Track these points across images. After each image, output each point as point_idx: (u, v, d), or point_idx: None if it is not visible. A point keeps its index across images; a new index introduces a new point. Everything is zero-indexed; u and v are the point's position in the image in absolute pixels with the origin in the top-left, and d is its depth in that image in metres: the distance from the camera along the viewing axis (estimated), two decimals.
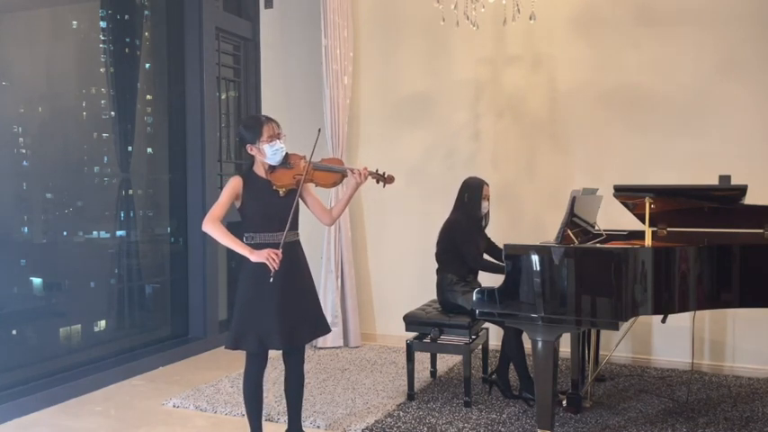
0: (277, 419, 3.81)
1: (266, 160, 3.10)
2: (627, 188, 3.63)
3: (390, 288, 5.61)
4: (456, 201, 4.30)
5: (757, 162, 4.54)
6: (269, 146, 3.07)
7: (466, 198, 4.24)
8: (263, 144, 3.07)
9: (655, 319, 4.70)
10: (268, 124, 3.08)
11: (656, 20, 4.81)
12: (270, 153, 3.08)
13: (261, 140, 3.07)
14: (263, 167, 3.15)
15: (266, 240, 3.08)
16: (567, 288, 3.18)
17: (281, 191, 3.10)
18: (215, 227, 3.03)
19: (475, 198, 4.21)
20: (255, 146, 3.09)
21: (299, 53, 5.89)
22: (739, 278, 3.28)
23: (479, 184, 4.24)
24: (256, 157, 3.13)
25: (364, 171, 3.16)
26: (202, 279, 5.49)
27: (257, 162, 3.15)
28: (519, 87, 5.21)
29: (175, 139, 5.50)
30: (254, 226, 3.11)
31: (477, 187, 4.23)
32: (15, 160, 4.43)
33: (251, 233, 3.11)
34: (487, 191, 4.27)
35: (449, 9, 4.35)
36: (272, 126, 3.09)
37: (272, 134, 3.08)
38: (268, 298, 3.06)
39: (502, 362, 4.20)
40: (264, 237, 3.09)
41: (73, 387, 4.29)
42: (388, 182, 3.23)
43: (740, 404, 4.02)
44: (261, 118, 3.14)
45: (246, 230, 3.12)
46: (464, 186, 4.29)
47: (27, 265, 4.48)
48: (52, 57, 4.70)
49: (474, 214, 4.21)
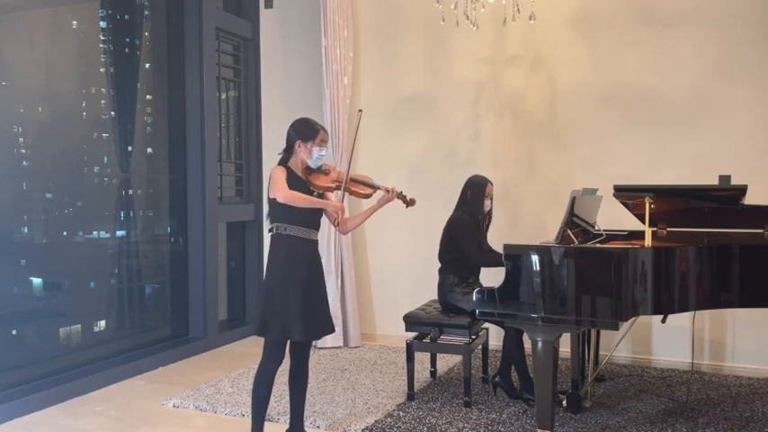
0: (277, 419, 3.81)
1: (310, 161, 3.27)
2: (627, 188, 3.63)
3: (390, 288, 5.61)
4: (459, 198, 4.30)
5: (757, 162, 4.54)
6: (318, 149, 3.26)
7: (469, 195, 4.24)
8: (315, 146, 3.25)
9: (655, 319, 4.70)
10: (324, 131, 3.31)
11: (656, 20, 4.81)
12: (316, 155, 3.26)
13: (314, 142, 3.25)
14: (299, 166, 3.27)
15: (299, 234, 3.20)
16: (566, 288, 3.18)
17: (315, 192, 3.26)
18: (290, 193, 3.11)
19: (478, 196, 4.21)
20: (307, 145, 3.24)
21: (299, 53, 5.89)
22: (739, 278, 3.29)
23: (483, 183, 4.24)
24: (298, 155, 3.27)
25: (394, 190, 3.40)
26: (202, 279, 5.48)
27: (296, 160, 3.28)
28: (519, 87, 5.21)
29: (175, 139, 5.50)
30: (288, 218, 3.19)
31: (481, 185, 4.23)
32: (15, 160, 4.43)
33: (284, 224, 3.20)
34: (491, 189, 4.26)
35: (449, 9, 4.35)
36: (325, 134, 3.32)
37: (323, 139, 3.29)
38: (293, 290, 3.17)
39: (504, 363, 4.20)
40: (297, 230, 3.21)
41: (73, 387, 4.29)
42: (411, 204, 3.51)
43: (740, 404, 4.02)
44: (318, 124, 3.34)
45: (278, 221, 3.20)
46: (468, 184, 4.29)
47: (27, 265, 4.48)
48: (52, 57, 4.70)
49: (476, 212, 4.21)
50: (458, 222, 4.22)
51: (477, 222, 4.23)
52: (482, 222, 4.29)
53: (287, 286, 3.16)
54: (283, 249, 3.19)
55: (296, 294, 3.16)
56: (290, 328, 3.17)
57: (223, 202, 5.87)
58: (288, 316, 3.15)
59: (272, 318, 3.16)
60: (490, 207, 4.30)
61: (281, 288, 3.17)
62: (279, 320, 3.15)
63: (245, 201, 6.12)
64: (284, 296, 3.16)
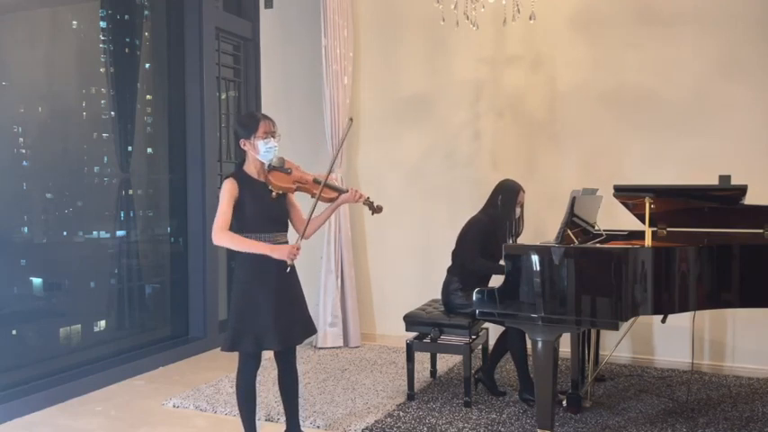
0: (277, 419, 3.81)
1: (258, 156, 3.10)
2: (627, 188, 3.63)
3: (390, 288, 5.61)
4: (487, 201, 4.21)
5: (757, 162, 4.54)
6: (263, 142, 3.07)
7: (500, 201, 4.13)
8: (258, 140, 3.07)
9: (655, 319, 4.70)
10: (264, 121, 3.10)
11: (656, 20, 4.81)
12: (263, 149, 3.07)
13: (256, 136, 3.07)
14: (254, 167, 3.14)
15: (267, 241, 3.07)
16: (566, 288, 3.18)
17: (274, 192, 3.10)
18: (226, 236, 3.00)
19: (509, 202, 4.11)
20: (250, 141, 3.08)
21: (299, 53, 5.89)
22: (739, 278, 3.28)
23: (516, 189, 4.15)
24: (248, 155, 3.13)
25: (358, 192, 3.23)
26: (202, 279, 5.48)
27: (249, 161, 3.14)
28: (519, 87, 5.21)
29: (175, 139, 5.50)
30: (252, 227, 3.07)
31: (514, 191, 4.14)
32: (15, 160, 4.43)
33: (249, 234, 3.06)
34: (523, 197, 4.18)
35: (449, 9, 4.35)
36: (267, 123, 3.10)
37: (267, 131, 3.08)
38: (263, 299, 3.07)
39: (492, 361, 4.22)
40: (265, 238, 3.08)
41: (73, 387, 4.30)
42: (377, 211, 3.31)
43: (740, 404, 4.02)
44: (257, 114, 3.16)
45: (243, 231, 3.07)
46: (500, 188, 4.18)
47: (27, 265, 4.48)
48: (52, 57, 4.70)
49: (504, 218, 4.09)
50: (473, 223, 4.16)
51: (496, 228, 4.10)
52: (509, 229, 4.14)
53: (255, 296, 3.05)
54: (247, 259, 3.05)
55: (267, 302, 3.05)
56: (263, 339, 3.06)
57: None
58: (259, 327, 3.05)
59: (244, 331, 3.05)
60: (520, 214, 4.21)
61: (249, 299, 3.05)
62: (251, 332, 3.05)
63: None
64: (254, 307, 3.04)
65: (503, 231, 4.10)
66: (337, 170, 5.42)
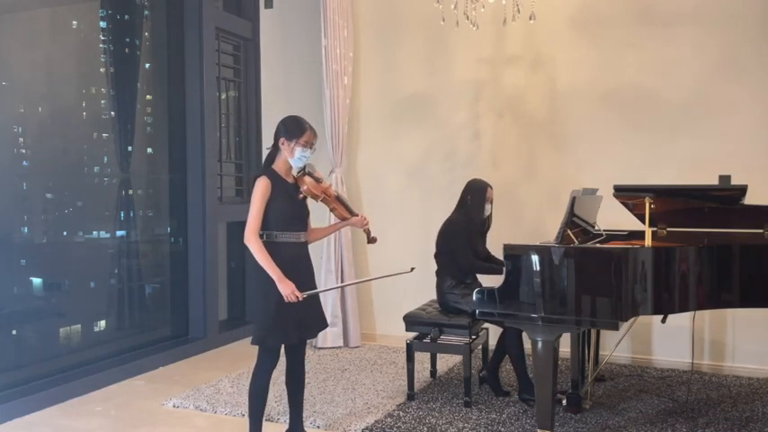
0: (277, 419, 3.81)
1: (291, 160, 3.20)
2: (627, 188, 3.63)
3: (390, 288, 5.60)
4: (458, 202, 4.32)
5: (757, 162, 4.54)
6: (301, 149, 3.18)
7: (469, 200, 4.26)
8: (298, 146, 3.18)
9: (655, 319, 4.70)
10: (310, 131, 3.22)
11: (656, 20, 4.81)
12: (298, 155, 3.19)
13: (298, 141, 3.18)
14: (284, 167, 3.23)
15: (289, 239, 3.19)
16: (566, 288, 3.18)
17: (302, 195, 3.23)
18: (256, 244, 3.10)
19: (478, 200, 4.23)
20: (290, 143, 3.18)
21: (299, 53, 5.89)
22: (739, 278, 3.29)
23: (483, 187, 4.26)
24: (281, 155, 3.22)
25: (365, 221, 3.45)
26: (202, 279, 5.48)
27: (279, 159, 3.23)
28: (519, 87, 5.21)
29: (175, 139, 5.50)
30: (277, 225, 3.17)
31: (482, 189, 4.25)
32: (15, 160, 4.43)
33: (273, 231, 3.16)
34: (491, 194, 4.29)
35: (449, 9, 4.35)
36: (311, 135, 3.22)
37: (308, 141, 3.20)
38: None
39: (494, 360, 4.23)
40: (288, 236, 3.19)
41: (73, 387, 4.29)
42: (372, 242, 3.53)
43: (740, 404, 4.02)
44: (305, 123, 3.25)
45: (267, 228, 3.16)
46: (468, 188, 4.30)
47: (27, 265, 4.48)
48: (52, 57, 4.70)
49: (475, 217, 4.23)
50: (453, 225, 4.24)
51: (473, 226, 4.24)
52: (481, 226, 4.31)
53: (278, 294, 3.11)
54: (277, 257, 3.13)
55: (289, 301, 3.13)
56: (287, 334, 3.18)
57: (223, 202, 5.87)
58: (286, 323, 3.15)
59: (272, 327, 3.14)
60: (490, 212, 4.32)
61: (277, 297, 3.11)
62: (278, 328, 3.15)
63: (245, 201, 6.08)
64: (280, 305, 3.12)
65: (476, 228, 4.25)
66: (337, 170, 5.43)
